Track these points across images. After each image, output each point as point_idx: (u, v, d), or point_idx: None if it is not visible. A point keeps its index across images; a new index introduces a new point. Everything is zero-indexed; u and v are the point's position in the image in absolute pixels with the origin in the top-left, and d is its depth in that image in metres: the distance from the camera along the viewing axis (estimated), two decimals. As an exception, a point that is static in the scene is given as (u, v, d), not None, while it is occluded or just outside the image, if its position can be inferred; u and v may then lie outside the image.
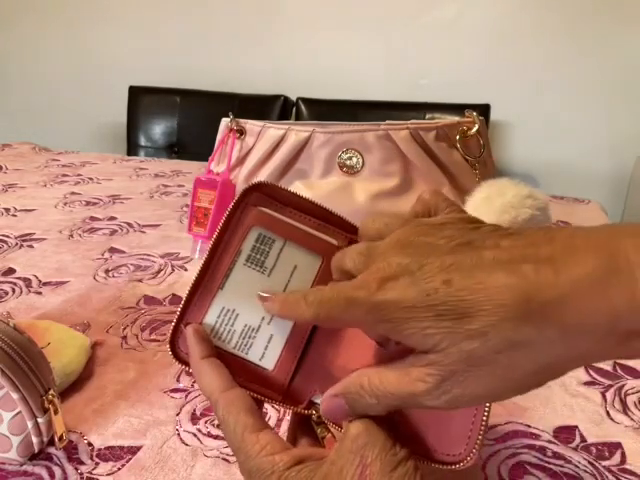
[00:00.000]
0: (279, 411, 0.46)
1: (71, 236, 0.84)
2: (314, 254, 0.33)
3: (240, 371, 0.30)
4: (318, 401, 0.31)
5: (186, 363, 0.30)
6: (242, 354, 0.31)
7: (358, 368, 0.29)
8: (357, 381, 0.26)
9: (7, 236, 0.83)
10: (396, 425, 0.27)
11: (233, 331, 0.31)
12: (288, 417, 0.44)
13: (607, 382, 0.50)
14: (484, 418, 0.25)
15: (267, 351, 0.31)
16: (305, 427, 0.32)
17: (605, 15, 1.70)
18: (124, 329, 0.57)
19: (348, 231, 0.34)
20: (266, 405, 0.46)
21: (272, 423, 0.44)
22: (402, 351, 0.24)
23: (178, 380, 0.49)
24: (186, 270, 0.72)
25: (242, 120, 0.65)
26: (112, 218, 0.92)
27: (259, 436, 0.27)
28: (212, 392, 0.29)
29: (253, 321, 0.31)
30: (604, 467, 0.40)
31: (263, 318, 0.31)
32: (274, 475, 0.26)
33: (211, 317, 0.31)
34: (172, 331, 0.31)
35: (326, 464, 0.26)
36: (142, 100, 1.97)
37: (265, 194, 0.33)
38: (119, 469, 0.39)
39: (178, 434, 0.42)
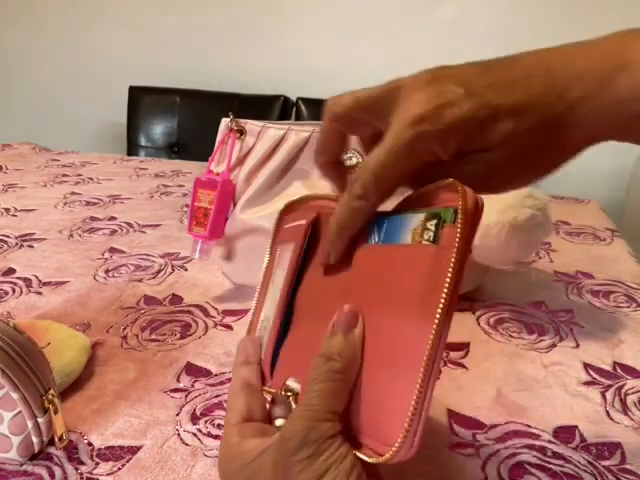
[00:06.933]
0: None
1: (71, 236, 0.84)
2: (290, 243, 0.38)
3: None
4: (292, 385, 0.32)
5: None
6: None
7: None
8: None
9: (7, 236, 0.83)
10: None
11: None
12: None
13: (607, 382, 0.50)
14: (418, 404, 0.23)
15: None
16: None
17: (605, 15, 1.70)
18: (124, 329, 0.57)
19: (312, 209, 0.38)
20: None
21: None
22: None
23: (178, 380, 0.49)
24: (186, 270, 0.72)
25: (242, 120, 0.64)
26: (112, 218, 0.92)
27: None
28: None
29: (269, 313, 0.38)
30: (604, 467, 0.40)
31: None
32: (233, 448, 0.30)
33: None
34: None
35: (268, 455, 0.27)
36: (142, 100, 1.96)
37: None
38: (119, 469, 0.39)
39: (178, 434, 0.42)
